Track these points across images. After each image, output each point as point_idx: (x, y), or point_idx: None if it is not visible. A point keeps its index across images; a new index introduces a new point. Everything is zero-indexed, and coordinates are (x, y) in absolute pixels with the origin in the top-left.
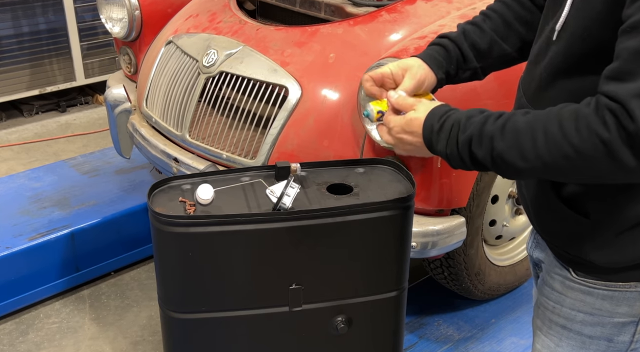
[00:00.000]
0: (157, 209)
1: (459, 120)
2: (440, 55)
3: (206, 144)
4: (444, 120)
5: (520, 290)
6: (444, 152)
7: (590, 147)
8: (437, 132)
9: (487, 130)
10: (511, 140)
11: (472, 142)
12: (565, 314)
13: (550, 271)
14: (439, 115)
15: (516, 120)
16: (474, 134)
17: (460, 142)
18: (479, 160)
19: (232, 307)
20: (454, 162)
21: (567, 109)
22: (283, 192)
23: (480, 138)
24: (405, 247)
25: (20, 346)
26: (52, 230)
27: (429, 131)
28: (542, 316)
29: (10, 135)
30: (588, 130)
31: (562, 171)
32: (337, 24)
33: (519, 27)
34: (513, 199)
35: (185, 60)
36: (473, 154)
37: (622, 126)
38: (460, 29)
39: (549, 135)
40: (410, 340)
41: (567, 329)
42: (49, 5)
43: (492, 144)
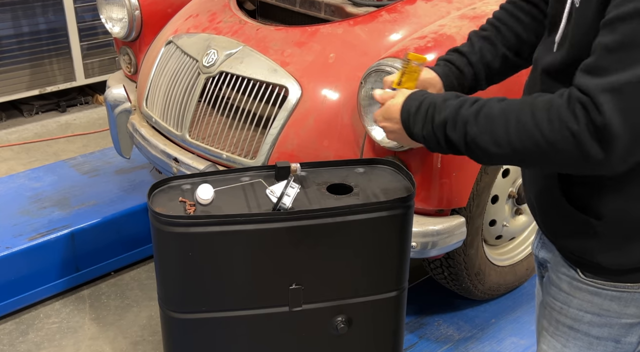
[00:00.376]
0: (157, 209)
1: (435, 102)
2: (456, 78)
3: (206, 144)
4: (419, 102)
5: (520, 290)
6: (420, 134)
7: (560, 138)
8: (413, 114)
9: (462, 114)
10: (485, 125)
11: (447, 125)
12: (573, 314)
13: (557, 271)
14: (415, 100)
15: (491, 107)
16: (448, 117)
17: (436, 123)
18: (454, 143)
19: (232, 307)
20: (431, 143)
21: (541, 98)
22: (283, 192)
23: (455, 121)
24: (405, 247)
25: (20, 346)
26: (52, 230)
27: (406, 115)
28: (548, 316)
29: (10, 135)
30: (559, 121)
31: (533, 159)
32: (337, 24)
33: (531, 37)
34: (513, 199)
35: (185, 60)
36: (448, 136)
37: (591, 119)
38: (477, 47)
39: (522, 123)
40: (410, 340)
41: (575, 329)
42: (49, 5)
43: (466, 128)
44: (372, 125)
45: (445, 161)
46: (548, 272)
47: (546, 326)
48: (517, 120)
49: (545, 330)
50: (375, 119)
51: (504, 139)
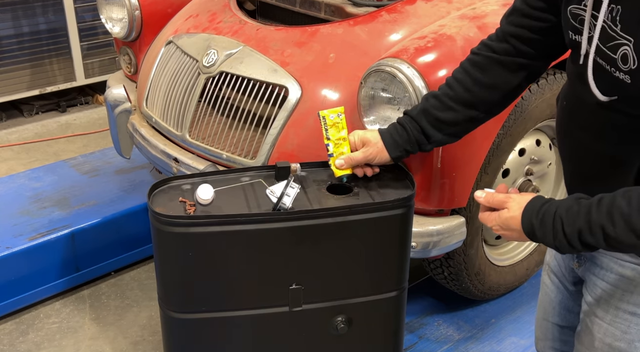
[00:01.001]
0: (157, 209)
1: (560, 215)
2: (400, 135)
3: (206, 144)
4: (542, 217)
5: (520, 290)
6: (552, 244)
7: None
8: (538, 228)
9: (595, 220)
10: (623, 225)
11: (581, 234)
12: (636, 300)
13: (616, 259)
14: (535, 212)
15: (620, 204)
16: (582, 227)
17: (569, 235)
18: (592, 245)
19: (232, 307)
20: (564, 250)
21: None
22: (283, 192)
23: (590, 229)
24: (405, 247)
25: (20, 346)
26: (52, 230)
27: (529, 228)
28: (603, 305)
29: (10, 135)
30: None
31: None
32: (337, 24)
33: (482, 92)
34: None
35: (185, 60)
36: (584, 242)
37: None
38: (421, 105)
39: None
40: (410, 340)
41: (637, 315)
42: (49, 5)
43: (603, 231)
44: (372, 126)
45: (445, 161)
46: (589, 262)
47: (601, 316)
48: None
49: (601, 320)
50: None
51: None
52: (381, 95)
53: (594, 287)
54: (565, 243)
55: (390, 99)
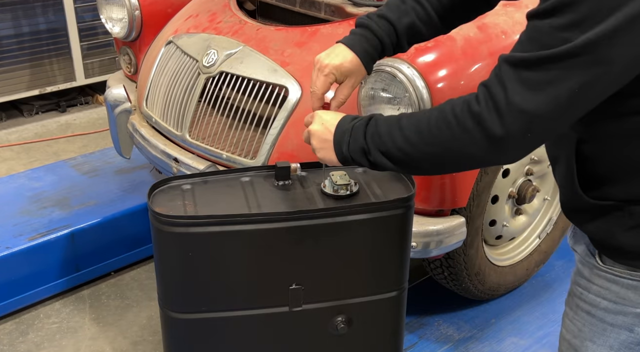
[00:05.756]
0: (157, 209)
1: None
2: (377, 51)
3: (206, 144)
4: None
5: (520, 290)
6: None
7: (463, 119)
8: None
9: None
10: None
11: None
12: (591, 300)
13: (582, 259)
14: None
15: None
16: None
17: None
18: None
19: (232, 307)
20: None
21: None
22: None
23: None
24: (405, 247)
25: (20, 346)
26: (52, 230)
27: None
28: (570, 301)
29: (10, 135)
30: (462, 105)
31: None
32: (337, 24)
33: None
34: (513, 199)
35: (185, 60)
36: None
37: (491, 95)
38: (406, 19)
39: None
40: (410, 340)
41: (591, 315)
42: (49, 5)
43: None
44: None
45: None
46: (575, 260)
47: (567, 311)
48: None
49: (566, 315)
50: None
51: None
52: (381, 95)
53: (571, 285)
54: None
55: (390, 99)
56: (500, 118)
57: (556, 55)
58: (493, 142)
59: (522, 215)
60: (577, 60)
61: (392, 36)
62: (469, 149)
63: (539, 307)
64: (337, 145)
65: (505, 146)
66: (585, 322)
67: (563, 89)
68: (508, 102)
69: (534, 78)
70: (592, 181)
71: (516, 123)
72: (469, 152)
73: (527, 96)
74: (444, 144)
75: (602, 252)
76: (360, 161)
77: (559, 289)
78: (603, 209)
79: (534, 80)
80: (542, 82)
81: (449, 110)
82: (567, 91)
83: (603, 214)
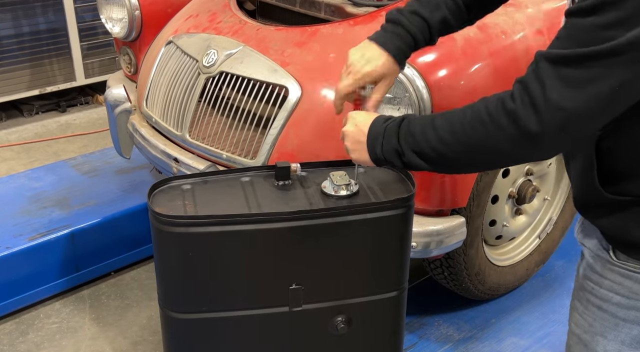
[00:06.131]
0: (157, 209)
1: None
2: (410, 48)
3: (206, 144)
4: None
5: (520, 290)
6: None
7: (498, 116)
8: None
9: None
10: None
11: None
12: (602, 295)
13: (592, 253)
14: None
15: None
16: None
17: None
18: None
19: (232, 307)
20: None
21: None
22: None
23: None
24: (406, 247)
25: (20, 346)
26: (52, 230)
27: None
28: (581, 296)
29: (10, 135)
30: (496, 102)
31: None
32: (337, 24)
33: None
34: (513, 199)
35: (185, 60)
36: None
37: (528, 91)
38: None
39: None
40: (410, 340)
41: (603, 310)
42: (49, 5)
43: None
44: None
45: None
46: (585, 255)
47: (577, 306)
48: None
49: (576, 310)
50: None
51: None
52: None
53: (581, 279)
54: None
55: (390, 99)
56: (537, 114)
57: (599, 53)
58: (528, 139)
59: (522, 215)
60: (620, 58)
61: (425, 32)
62: (503, 147)
63: (539, 307)
64: (370, 147)
65: (539, 143)
66: (597, 317)
67: (604, 87)
68: (546, 99)
69: (574, 75)
70: (610, 177)
71: (553, 120)
72: (503, 149)
73: (566, 93)
74: (478, 142)
75: (615, 247)
76: (394, 162)
77: (559, 289)
78: (620, 204)
79: (574, 77)
80: (583, 80)
81: (483, 109)
82: (608, 89)
83: (620, 209)
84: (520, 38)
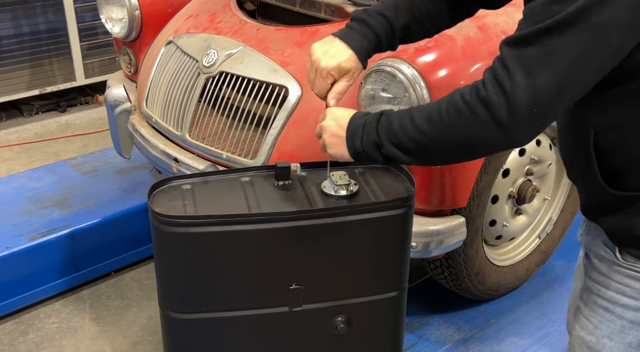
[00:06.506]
0: (157, 209)
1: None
2: (373, 46)
3: (206, 144)
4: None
5: (520, 290)
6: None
7: (472, 104)
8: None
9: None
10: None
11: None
12: (609, 296)
13: (598, 255)
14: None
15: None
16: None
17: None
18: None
19: (232, 307)
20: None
21: None
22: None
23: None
24: (405, 247)
25: (20, 346)
26: (52, 230)
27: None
28: (586, 298)
29: (10, 135)
30: (469, 94)
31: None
32: (337, 24)
33: None
34: (513, 199)
35: (185, 60)
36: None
37: (495, 76)
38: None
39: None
40: (410, 340)
41: (610, 311)
42: (49, 5)
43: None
44: None
45: None
46: (590, 257)
47: (582, 308)
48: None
49: (581, 312)
50: None
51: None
52: (381, 95)
53: (585, 280)
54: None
55: (390, 99)
56: (507, 98)
57: (550, 27)
58: (502, 124)
59: (522, 215)
60: (572, 29)
61: (388, 33)
62: (480, 133)
63: (539, 307)
64: (349, 140)
65: (514, 126)
66: (603, 319)
67: (562, 60)
68: (512, 82)
69: (532, 53)
70: (612, 173)
71: (523, 101)
72: (480, 136)
73: (528, 72)
74: (455, 129)
75: (622, 248)
76: (373, 155)
77: (559, 289)
78: (626, 201)
79: (533, 55)
80: (542, 55)
81: (458, 97)
82: (566, 62)
83: (626, 205)
84: None
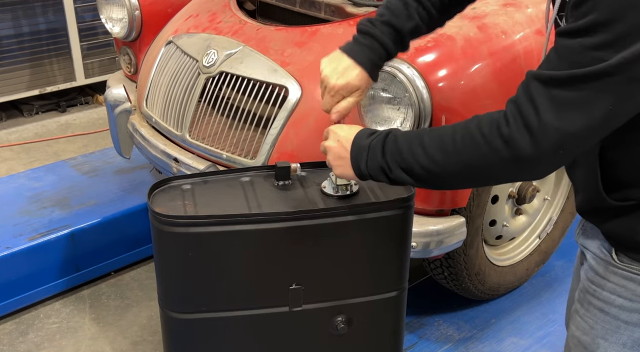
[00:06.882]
0: (157, 209)
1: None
2: (382, 59)
3: (206, 144)
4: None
5: (520, 290)
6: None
7: (491, 138)
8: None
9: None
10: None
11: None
12: (605, 297)
13: (594, 255)
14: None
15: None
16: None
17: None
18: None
19: (232, 307)
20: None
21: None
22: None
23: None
24: (405, 247)
25: (20, 346)
26: (52, 230)
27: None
28: (582, 299)
29: (10, 135)
30: (489, 126)
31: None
32: (337, 24)
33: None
34: (513, 199)
35: (185, 60)
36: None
37: (521, 112)
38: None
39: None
40: (410, 340)
41: (605, 312)
42: (49, 5)
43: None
44: (373, 126)
45: None
46: (586, 257)
47: (578, 308)
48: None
49: (577, 312)
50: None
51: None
52: (381, 95)
53: (582, 281)
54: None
55: (390, 99)
56: (532, 136)
57: (590, 74)
58: (523, 161)
59: (522, 215)
60: (612, 79)
61: (397, 42)
62: (498, 168)
63: (539, 307)
64: (354, 163)
65: (535, 164)
66: (598, 320)
67: (597, 108)
68: (540, 121)
69: (566, 96)
70: (612, 184)
71: (549, 142)
72: (497, 170)
73: (559, 114)
74: (471, 162)
75: (619, 250)
76: (380, 178)
77: (559, 289)
78: (625, 209)
79: (566, 98)
80: (575, 101)
81: (476, 129)
82: (600, 110)
83: (625, 213)
84: (520, 38)
